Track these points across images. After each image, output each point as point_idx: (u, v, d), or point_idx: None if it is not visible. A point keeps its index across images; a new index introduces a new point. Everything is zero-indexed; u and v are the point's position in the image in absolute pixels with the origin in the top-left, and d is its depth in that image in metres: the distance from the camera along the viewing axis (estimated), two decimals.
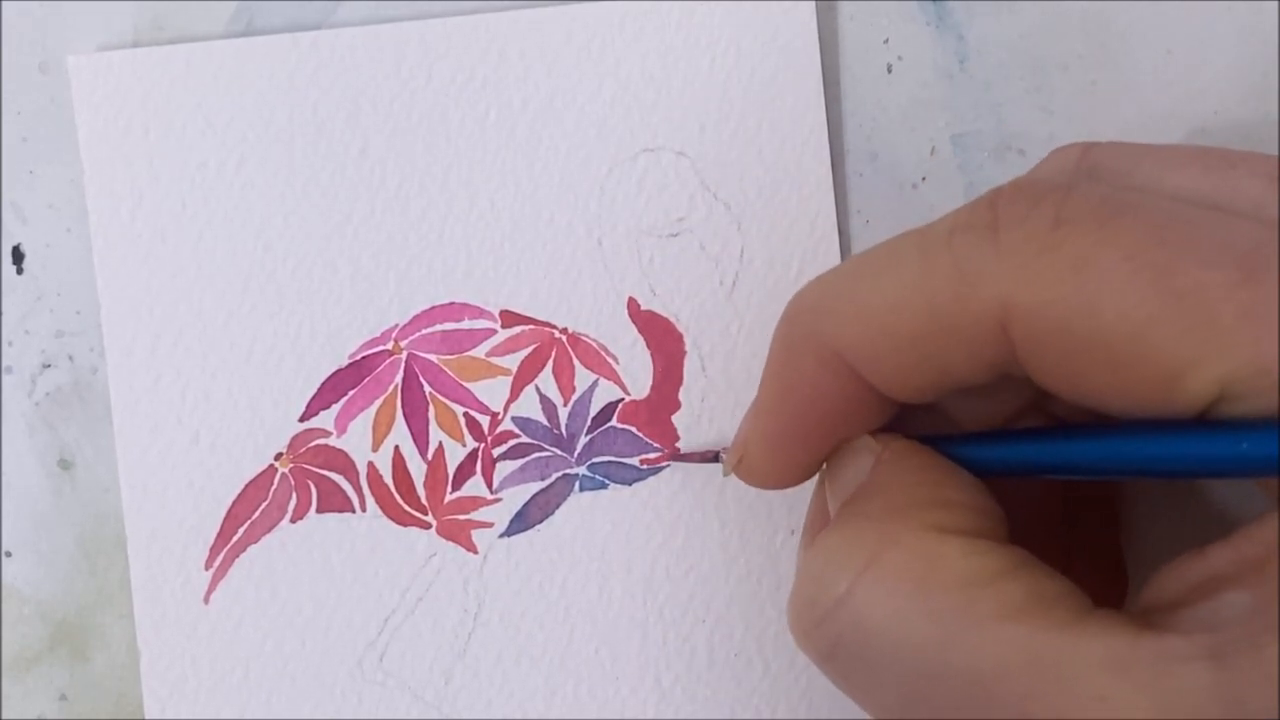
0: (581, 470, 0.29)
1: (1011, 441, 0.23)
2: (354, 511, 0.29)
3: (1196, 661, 0.18)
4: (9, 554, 0.29)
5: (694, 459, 0.29)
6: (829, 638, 0.21)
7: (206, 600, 0.29)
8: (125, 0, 0.29)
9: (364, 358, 0.29)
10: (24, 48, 0.29)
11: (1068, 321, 0.19)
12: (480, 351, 0.29)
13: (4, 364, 0.29)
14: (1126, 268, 0.19)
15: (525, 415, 0.29)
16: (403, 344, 0.29)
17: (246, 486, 0.29)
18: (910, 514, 0.21)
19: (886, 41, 0.30)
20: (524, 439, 0.29)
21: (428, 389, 0.29)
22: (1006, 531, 0.21)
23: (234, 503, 0.29)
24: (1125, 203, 0.20)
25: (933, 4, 0.29)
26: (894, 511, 0.21)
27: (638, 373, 0.29)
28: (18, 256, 0.29)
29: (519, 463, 0.29)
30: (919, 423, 0.24)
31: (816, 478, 0.25)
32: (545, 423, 0.29)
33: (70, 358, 0.29)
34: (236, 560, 0.29)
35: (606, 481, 0.29)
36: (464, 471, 0.29)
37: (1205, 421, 0.19)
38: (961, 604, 0.19)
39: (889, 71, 0.30)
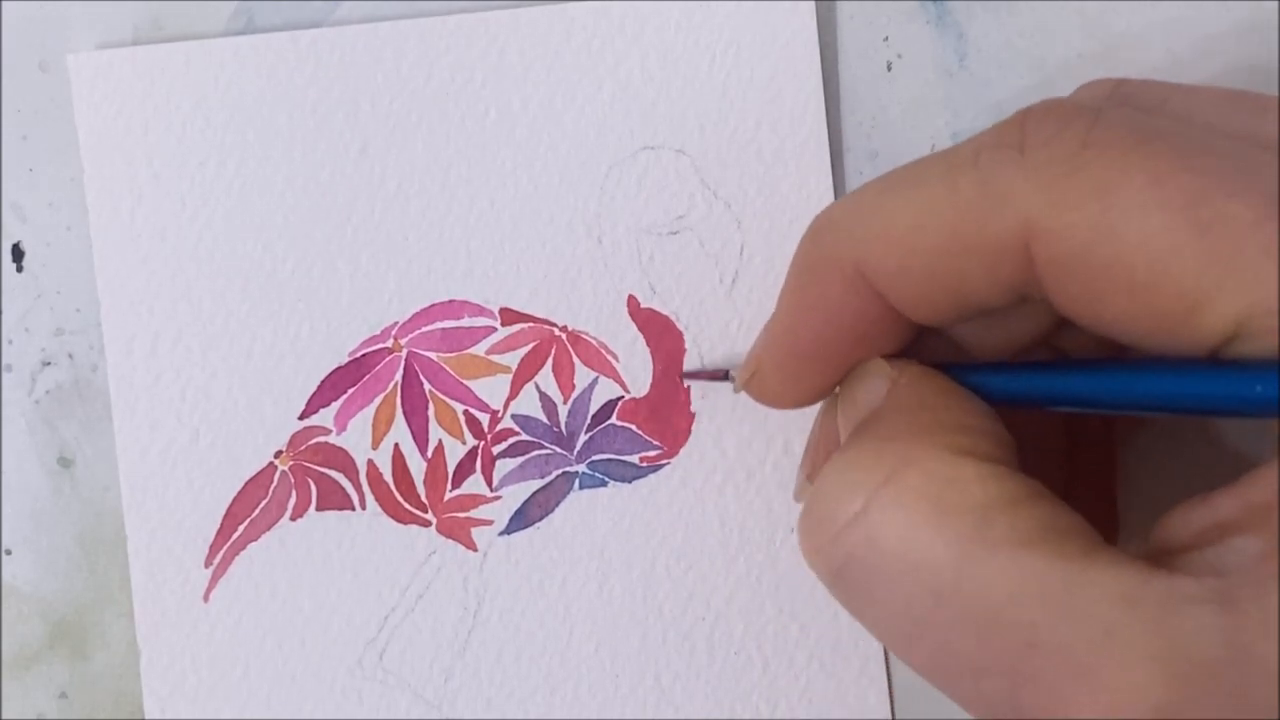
0: (581, 468, 0.29)
1: (1023, 372, 0.22)
2: (354, 509, 0.29)
3: (1204, 604, 0.18)
4: (9, 552, 0.29)
5: (703, 376, 0.29)
6: (841, 554, 0.21)
7: (206, 598, 0.29)
8: (125, 0, 0.29)
9: (364, 355, 0.29)
10: (24, 47, 0.29)
11: (1090, 244, 0.19)
12: (480, 349, 0.29)
13: (4, 362, 0.29)
14: (1152, 193, 0.19)
15: (525, 413, 0.29)
16: (403, 341, 0.29)
17: (246, 484, 0.29)
18: (928, 435, 0.21)
19: (886, 39, 0.30)
20: (524, 437, 0.29)
21: (427, 387, 0.29)
22: (1018, 461, 0.21)
23: (234, 501, 0.29)
24: (1155, 128, 0.20)
25: (933, 3, 0.30)
26: (912, 433, 0.21)
27: (637, 371, 0.29)
28: (17, 254, 0.29)
29: (519, 460, 0.29)
30: (931, 350, 0.24)
31: (820, 404, 0.25)
32: (545, 420, 0.29)
33: (70, 356, 0.29)
34: (236, 558, 0.29)
35: (606, 479, 0.29)
36: (464, 469, 0.29)
37: (1218, 360, 0.19)
38: (977, 528, 0.19)
39: (889, 70, 0.30)
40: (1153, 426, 0.27)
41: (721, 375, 0.29)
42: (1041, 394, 0.22)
